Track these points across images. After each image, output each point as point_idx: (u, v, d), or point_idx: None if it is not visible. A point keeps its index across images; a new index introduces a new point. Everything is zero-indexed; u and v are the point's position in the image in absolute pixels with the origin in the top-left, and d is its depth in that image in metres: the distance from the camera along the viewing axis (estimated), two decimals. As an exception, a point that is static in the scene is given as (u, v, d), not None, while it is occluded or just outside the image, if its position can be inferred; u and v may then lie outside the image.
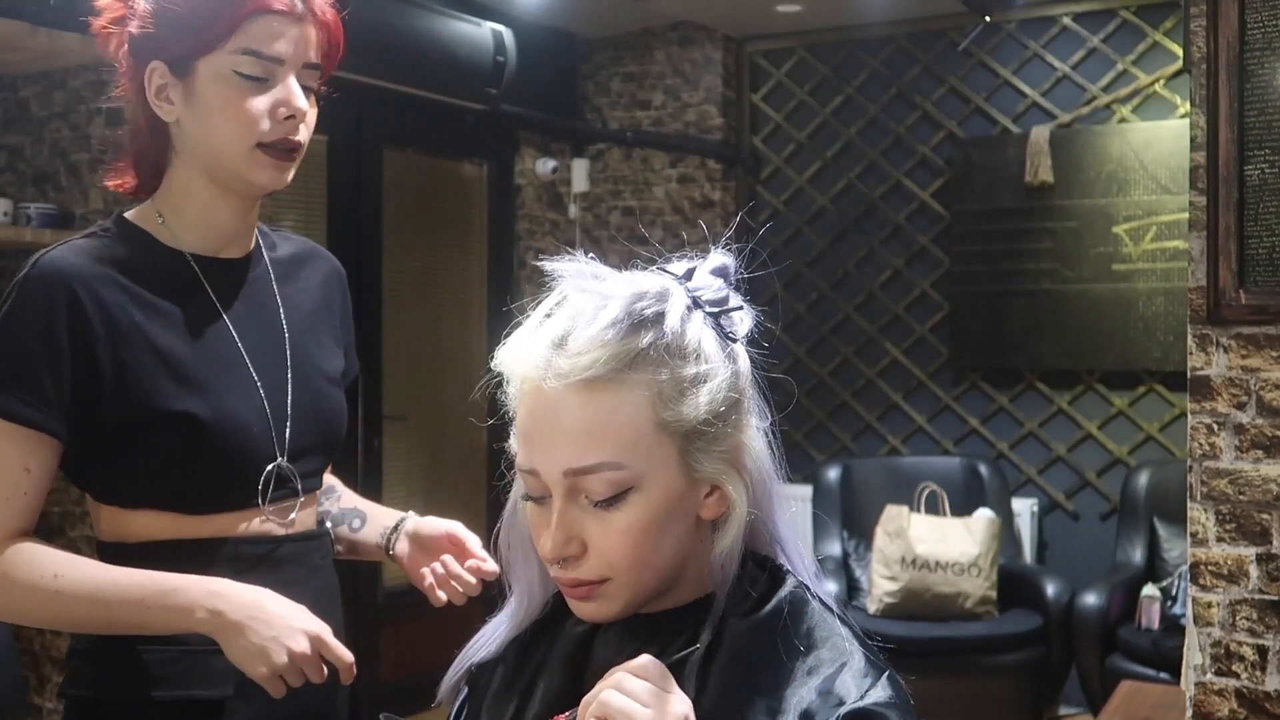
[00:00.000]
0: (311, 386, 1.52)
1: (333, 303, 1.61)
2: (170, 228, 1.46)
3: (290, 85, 1.41)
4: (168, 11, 1.39)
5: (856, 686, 0.94)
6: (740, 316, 1.00)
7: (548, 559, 0.97)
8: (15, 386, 1.35)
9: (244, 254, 1.51)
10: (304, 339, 1.53)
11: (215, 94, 1.40)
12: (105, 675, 1.43)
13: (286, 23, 1.40)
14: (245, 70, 1.39)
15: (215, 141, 1.41)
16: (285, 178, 1.45)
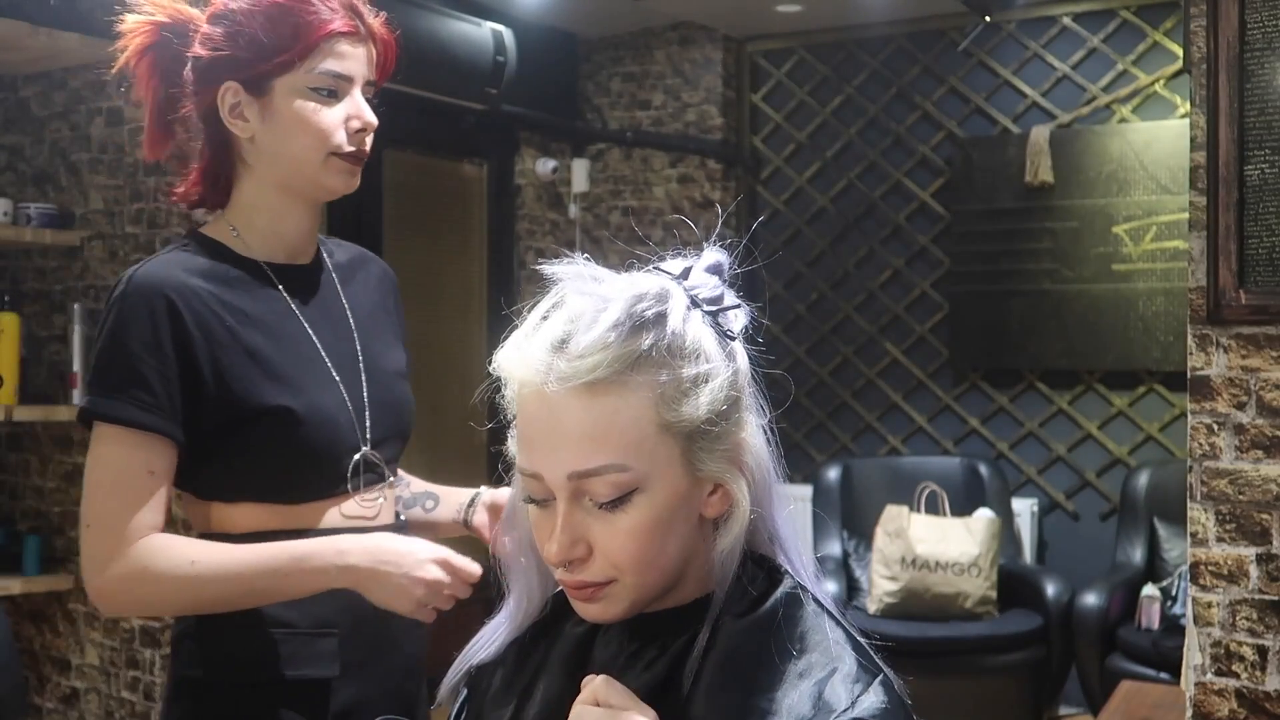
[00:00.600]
0: (382, 380, 1.62)
1: (389, 303, 1.73)
2: (243, 239, 1.57)
3: (358, 100, 1.54)
4: (242, 35, 1.50)
5: (847, 693, 0.94)
6: (736, 314, 1.01)
7: (553, 562, 0.97)
8: (131, 394, 1.45)
9: (310, 260, 1.63)
10: (369, 337, 1.64)
11: (293, 110, 1.51)
12: (215, 656, 1.52)
13: (354, 43, 1.53)
14: (319, 87, 1.51)
15: (293, 152, 1.53)
16: (355, 182, 1.58)
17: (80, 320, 3.55)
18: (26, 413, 3.49)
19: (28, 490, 3.79)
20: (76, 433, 3.64)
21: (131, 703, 3.54)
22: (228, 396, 1.48)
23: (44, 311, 3.73)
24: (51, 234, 3.59)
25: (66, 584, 3.64)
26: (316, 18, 1.50)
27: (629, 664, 0.99)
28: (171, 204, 1.68)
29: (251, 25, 1.50)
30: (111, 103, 3.59)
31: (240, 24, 1.50)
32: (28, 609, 3.75)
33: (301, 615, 1.51)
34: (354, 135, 1.54)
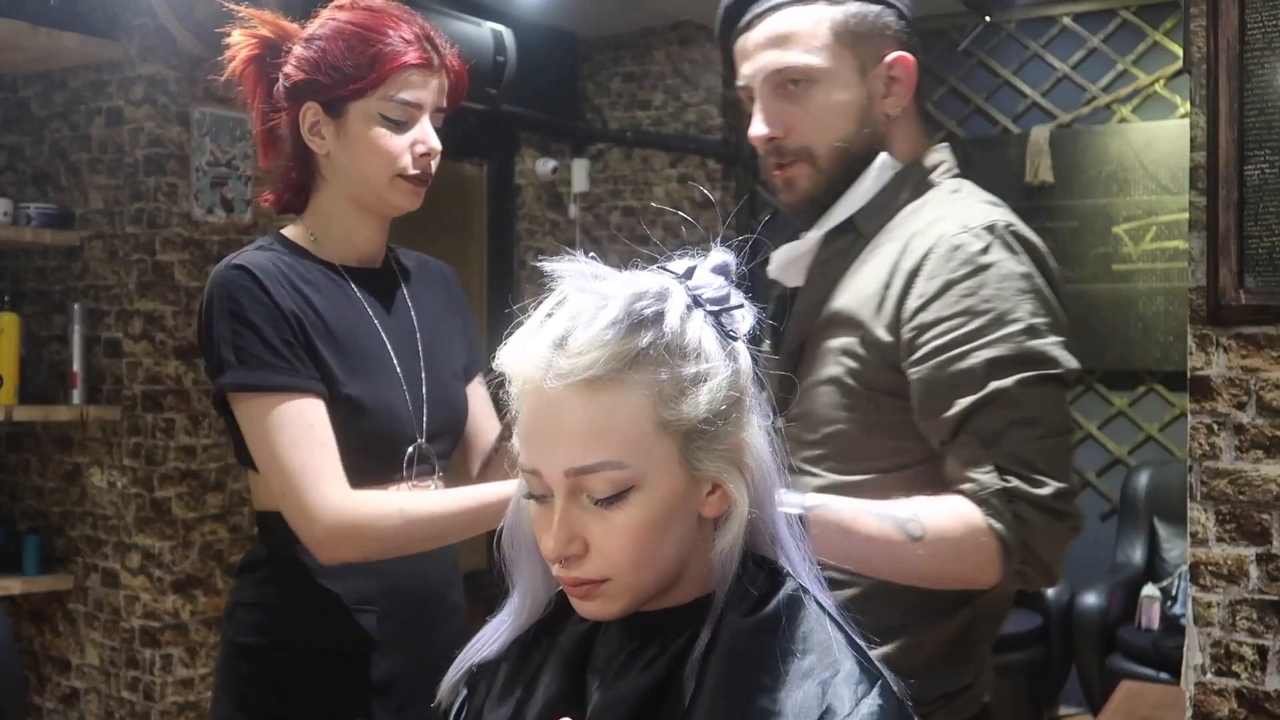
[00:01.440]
0: (440, 378, 1.72)
1: (455, 304, 1.84)
2: (320, 243, 1.69)
3: (425, 127, 1.65)
4: (325, 60, 1.62)
5: (850, 695, 0.94)
6: (742, 314, 1.00)
7: (550, 558, 0.97)
8: (264, 361, 1.56)
9: (381, 265, 1.75)
10: (432, 337, 1.74)
11: (364, 133, 1.62)
12: (264, 624, 1.64)
13: (425, 74, 1.64)
14: (390, 114, 1.62)
15: (364, 172, 1.64)
16: (419, 200, 1.69)
17: (80, 320, 3.55)
18: (26, 413, 3.49)
19: (28, 490, 3.79)
20: (76, 432, 3.64)
21: (131, 703, 3.54)
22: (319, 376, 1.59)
23: (44, 311, 3.73)
24: (51, 234, 3.59)
25: (66, 584, 3.64)
26: (392, 49, 1.61)
27: (629, 662, 0.99)
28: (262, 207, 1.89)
29: (334, 51, 1.61)
30: (111, 103, 3.59)
31: (324, 49, 1.62)
32: (28, 609, 3.75)
33: (345, 590, 1.61)
34: (419, 159, 1.64)
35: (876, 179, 1.49)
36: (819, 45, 1.46)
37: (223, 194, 3.66)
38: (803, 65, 1.46)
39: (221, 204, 3.66)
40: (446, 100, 1.68)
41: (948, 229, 1.40)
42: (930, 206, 1.47)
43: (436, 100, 1.66)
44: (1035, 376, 1.32)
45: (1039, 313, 1.35)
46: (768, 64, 1.47)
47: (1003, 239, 1.39)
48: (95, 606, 3.62)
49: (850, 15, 1.47)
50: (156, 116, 3.52)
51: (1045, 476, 1.31)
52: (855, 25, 1.47)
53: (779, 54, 1.47)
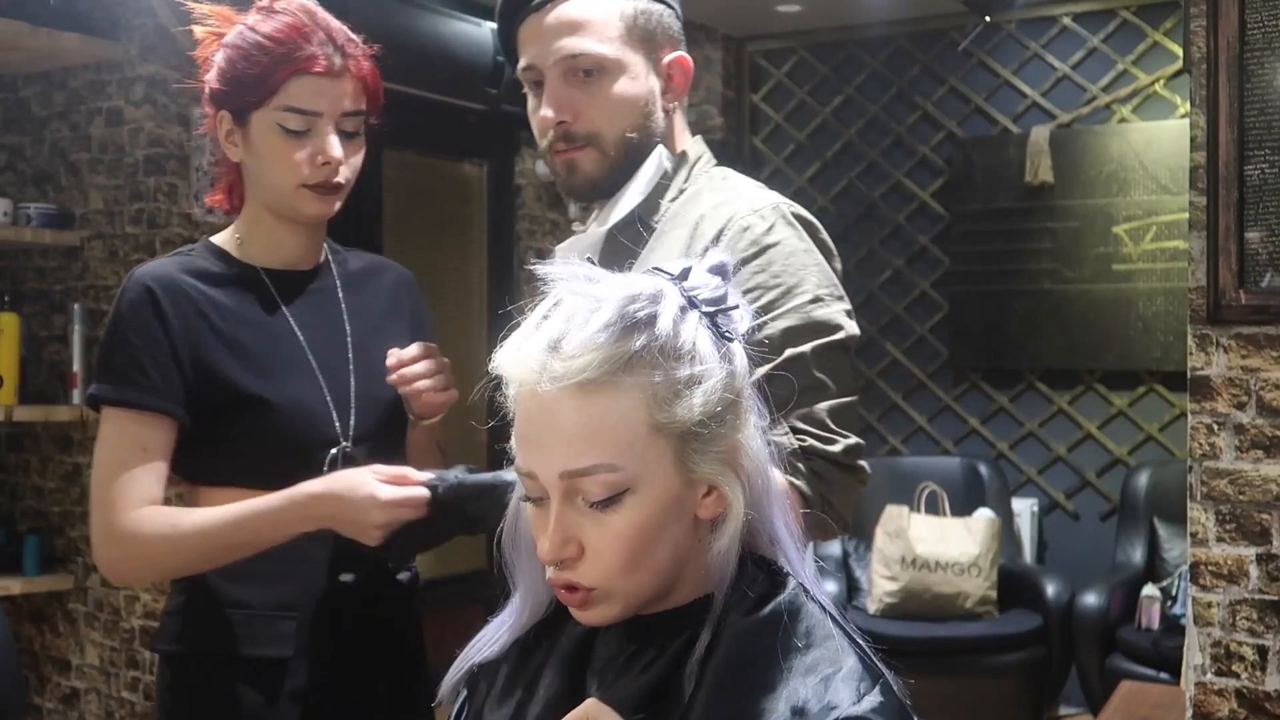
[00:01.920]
0: (374, 381, 1.70)
1: (401, 308, 1.81)
2: (246, 246, 1.71)
3: (326, 136, 1.63)
4: (231, 70, 1.63)
5: (851, 691, 0.94)
6: (738, 315, 1.00)
7: (545, 560, 0.97)
8: (126, 377, 1.60)
9: (312, 267, 1.74)
10: (369, 339, 1.73)
11: (265, 143, 1.63)
12: (190, 633, 1.65)
13: (324, 81, 1.62)
14: (287, 124, 1.62)
15: (269, 181, 1.65)
16: (331, 208, 1.68)
17: (80, 320, 3.55)
18: (26, 413, 3.49)
19: (28, 490, 3.79)
20: (76, 432, 3.64)
21: (131, 703, 3.54)
22: (209, 384, 1.61)
23: (44, 311, 3.73)
24: (51, 234, 3.59)
25: (66, 584, 3.64)
26: (286, 56, 1.60)
27: (628, 664, 0.99)
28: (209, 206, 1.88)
29: (235, 60, 1.63)
30: (111, 103, 3.59)
31: (229, 58, 1.63)
32: (28, 609, 3.75)
33: (263, 598, 1.62)
34: (319, 169, 1.63)
35: (657, 169, 1.56)
36: (612, 36, 1.52)
37: (223, 194, 3.66)
38: (597, 54, 1.50)
39: (221, 204, 3.66)
40: (364, 103, 1.67)
41: (735, 211, 1.47)
42: (706, 194, 1.54)
43: (339, 106, 1.63)
44: (824, 344, 1.40)
45: (823, 284, 1.42)
46: (562, 49, 1.51)
47: (784, 218, 1.47)
48: (95, 606, 3.62)
49: (639, 11, 1.53)
50: (156, 116, 3.52)
51: (836, 434, 1.38)
52: (643, 21, 1.54)
53: (575, 40, 1.51)
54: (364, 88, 1.67)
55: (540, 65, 1.53)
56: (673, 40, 1.57)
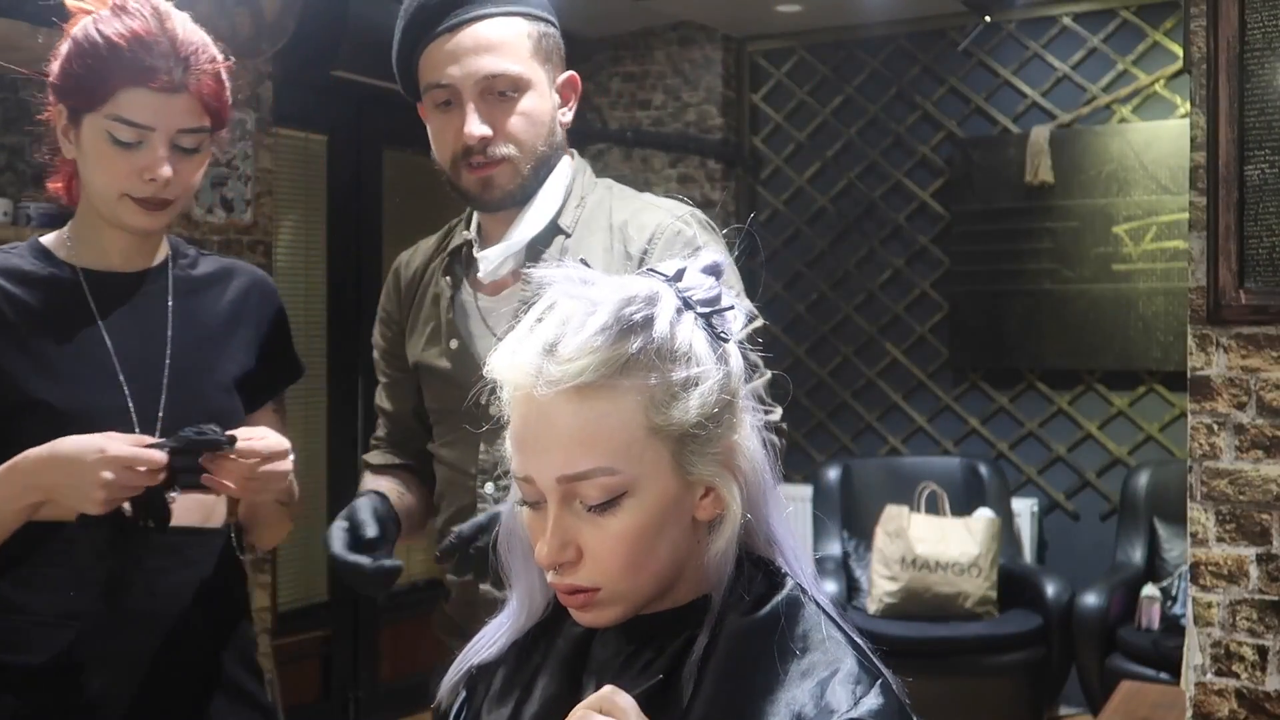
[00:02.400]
0: (192, 389, 1.63)
1: (246, 316, 1.73)
2: (73, 245, 1.64)
3: (156, 152, 1.55)
4: (69, 66, 1.56)
5: (848, 695, 0.93)
6: (733, 315, 1.00)
7: (544, 565, 0.97)
8: None
9: (141, 270, 1.66)
10: (192, 348, 1.65)
11: (93, 148, 1.56)
12: None
13: (160, 96, 1.54)
14: (117, 135, 1.54)
15: (93, 185, 1.58)
16: (158, 223, 1.61)
17: (80, 320, 3.55)
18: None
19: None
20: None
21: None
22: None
23: (44, 311, 3.73)
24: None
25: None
26: (122, 65, 1.52)
27: (626, 665, 0.99)
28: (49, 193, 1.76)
29: (74, 57, 1.56)
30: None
31: (69, 54, 1.56)
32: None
33: (46, 604, 1.53)
34: (145, 184, 1.55)
35: (571, 179, 1.68)
36: (524, 56, 1.60)
37: (223, 194, 3.66)
38: (515, 73, 1.58)
39: (221, 204, 3.66)
40: (205, 120, 1.58)
41: (661, 218, 1.61)
42: (615, 201, 1.67)
43: (176, 122, 1.55)
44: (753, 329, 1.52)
45: (739, 279, 1.56)
46: (482, 69, 1.57)
47: (702, 223, 1.62)
48: None
49: (541, 33, 1.62)
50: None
51: (771, 406, 1.52)
52: (545, 43, 1.63)
53: (493, 60, 1.58)
54: (204, 105, 1.58)
55: (459, 85, 1.58)
56: (564, 59, 1.67)
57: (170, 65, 1.54)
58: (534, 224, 1.65)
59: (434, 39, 1.58)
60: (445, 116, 1.62)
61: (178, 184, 1.58)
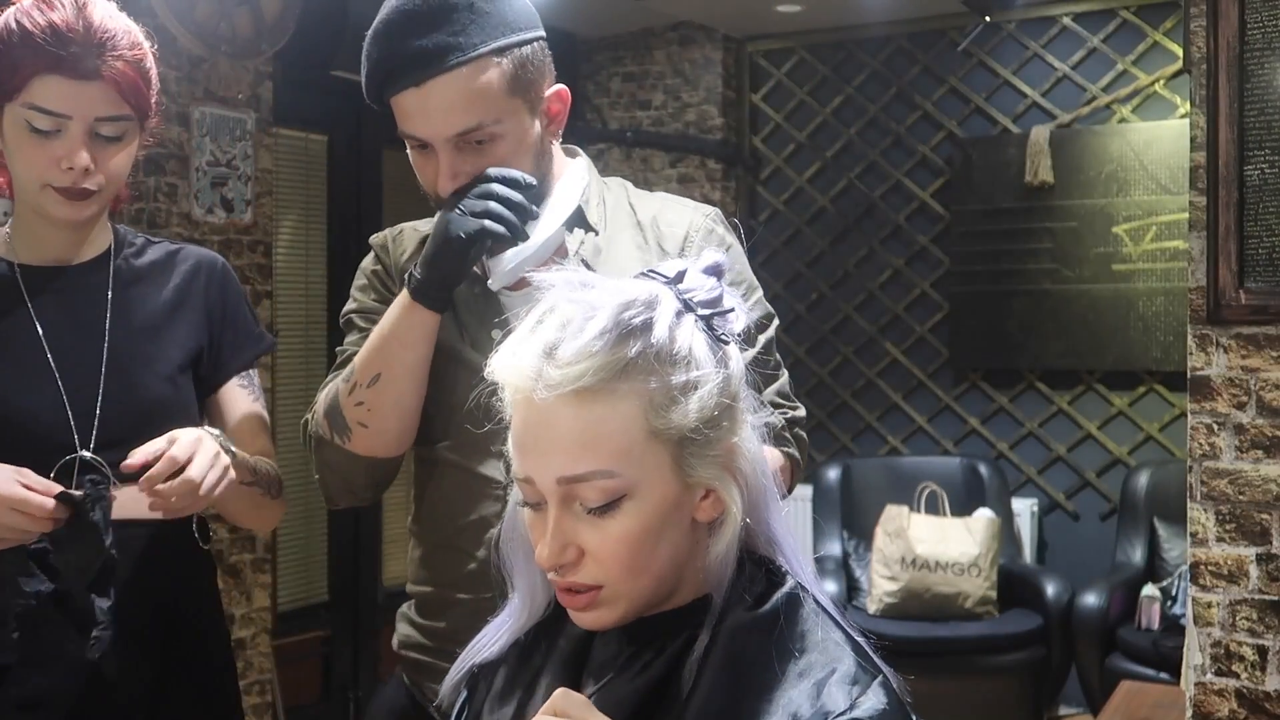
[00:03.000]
0: (133, 382, 1.61)
1: (193, 297, 1.71)
2: (10, 239, 1.64)
3: (74, 140, 1.54)
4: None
5: (845, 696, 0.93)
6: (734, 316, 1.00)
7: (544, 566, 0.97)
8: None
9: (80, 262, 1.65)
10: (134, 339, 1.63)
11: (12, 138, 1.56)
12: None
13: (73, 84, 1.52)
14: (34, 123, 1.53)
15: (17, 177, 1.59)
16: (83, 213, 1.59)
17: (80, 320, 3.55)
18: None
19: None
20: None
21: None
22: None
23: (44, 311, 3.72)
24: (51, 234, 3.58)
25: (66, 584, 3.64)
26: (33, 53, 1.51)
27: (627, 665, 0.99)
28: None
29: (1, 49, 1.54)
30: None
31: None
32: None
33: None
34: (65, 173, 1.54)
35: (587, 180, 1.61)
36: (498, 101, 1.48)
37: (223, 194, 3.66)
38: (488, 125, 1.48)
39: (221, 204, 3.66)
40: (124, 107, 1.57)
41: (692, 216, 1.59)
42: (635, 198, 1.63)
43: (93, 109, 1.54)
44: (774, 329, 1.60)
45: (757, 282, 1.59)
46: (450, 127, 1.48)
47: (724, 223, 1.62)
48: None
49: (516, 66, 1.50)
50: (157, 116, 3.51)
51: (797, 403, 1.59)
52: (520, 74, 1.51)
53: (461, 117, 1.47)
54: (120, 92, 1.56)
55: (430, 139, 1.50)
56: (549, 71, 1.56)
57: (84, 53, 1.53)
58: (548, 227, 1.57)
59: (400, 90, 1.49)
60: (423, 157, 1.54)
61: (101, 173, 1.57)
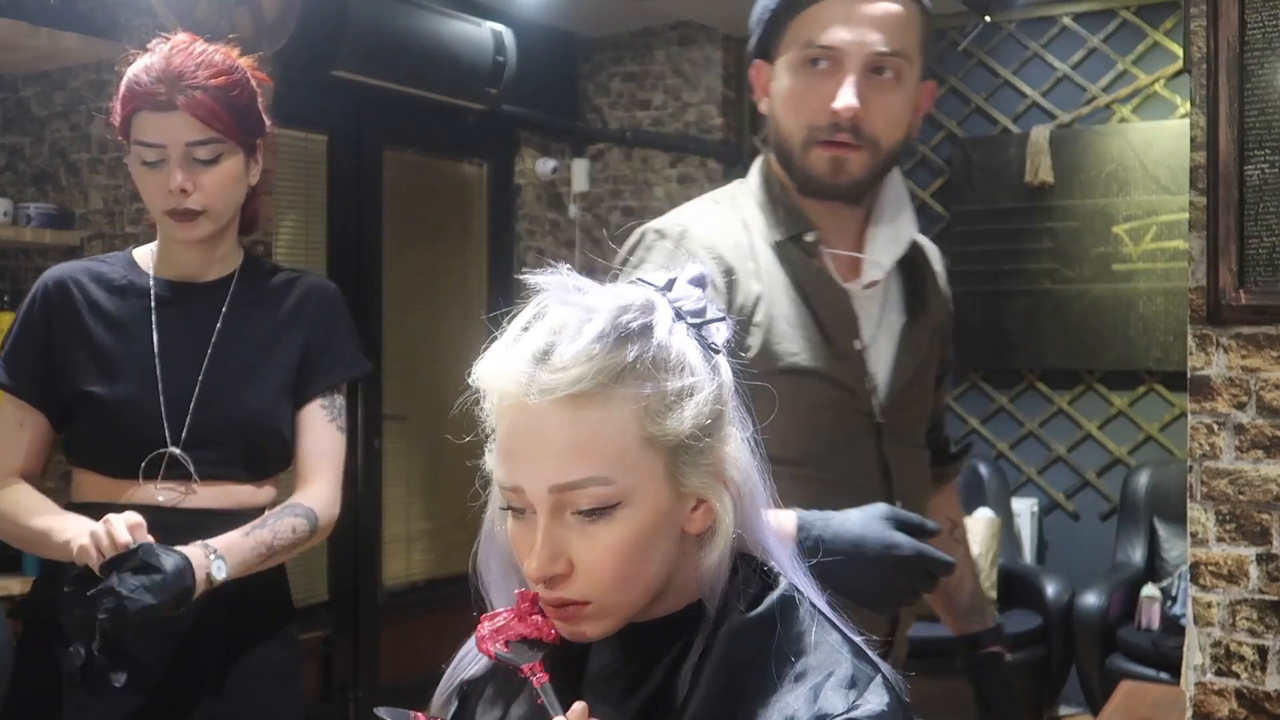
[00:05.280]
0: (226, 388, 1.80)
1: (300, 320, 1.87)
2: (157, 257, 1.85)
3: (170, 167, 1.73)
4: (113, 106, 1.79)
5: (842, 699, 0.92)
6: (719, 327, 0.99)
7: (534, 578, 0.95)
8: (8, 362, 1.81)
9: (208, 281, 1.85)
10: (241, 354, 1.82)
11: (135, 175, 1.78)
12: None
13: (158, 116, 1.72)
14: (143, 157, 1.75)
15: (148, 207, 1.79)
16: (194, 233, 1.78)
17: (80, 320, 3.55)
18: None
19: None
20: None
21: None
22: (62, 377, 1.78)
23: (44, 311, 3.72)
24: (51, 234, 3.59)
25: (66, 584, 3.64)
26: (131, 96, 1.73)
27: (621, 673, 0.98)
28: None
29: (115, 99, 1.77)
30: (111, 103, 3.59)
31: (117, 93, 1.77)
32: (28, 609, 3.75)
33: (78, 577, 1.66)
34: (170, 196, 1.74)
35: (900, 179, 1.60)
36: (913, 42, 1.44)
37: (223, 194, 3.66)
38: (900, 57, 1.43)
39: (221, 204, 3.66)
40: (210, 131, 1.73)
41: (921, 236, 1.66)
42: None
43: (182, 135, 1.72)
44: None
45: None
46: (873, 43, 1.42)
47: None
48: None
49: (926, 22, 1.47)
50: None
51: None
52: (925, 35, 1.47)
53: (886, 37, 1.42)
54: (201, 117, 1.73)
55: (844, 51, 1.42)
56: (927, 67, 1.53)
57: (165, 88, 1.71)
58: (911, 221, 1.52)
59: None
60: (813, 79, 1.45)
61: (202, 195, 1.75)
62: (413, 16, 4.23)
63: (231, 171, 1.78)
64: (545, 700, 0.93)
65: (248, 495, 1.82)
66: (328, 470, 1.86)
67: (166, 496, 1.77)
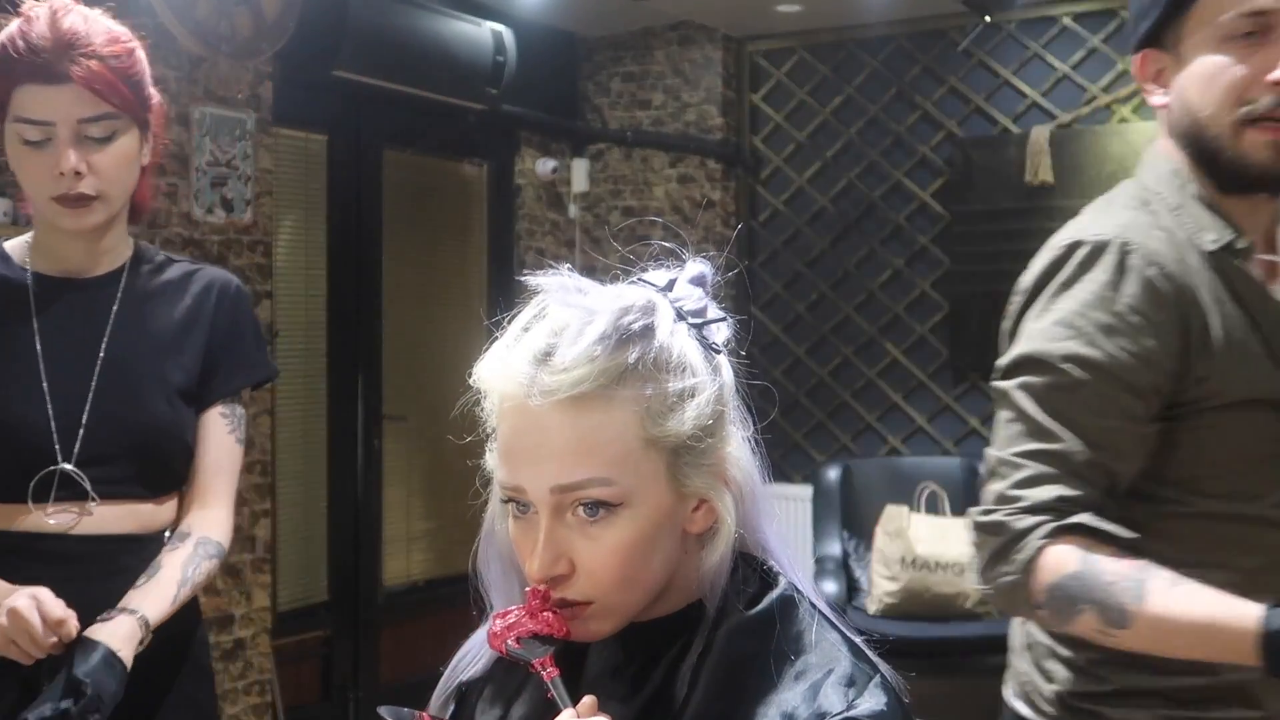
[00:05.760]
0: (125, 397, 1.60)
1: (201, 318, 1.69)
2: (33, 250, 1.65)
3: (60, 147, 1.53)
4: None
5: (841, 697, 0.92)
6: (719, 327, 0.99)
7: (536, 579, 0.95)
8: None
9: (94, 275, 1.65)
10: (137, 355, 1.63)
11: (13, 155, 1.57)
12: None
13: (48, 90, 1.52)
14: (24, 135, 1.54)
15: (26, 192, 1.59)
16: (86, 221, 1.58)
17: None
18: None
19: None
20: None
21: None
22: None
23: (44, 311, 3.72)
24: None
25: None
26: (10, 69, 1.52)
27: (622, 672, 0.98)
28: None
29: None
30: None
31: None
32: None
33: None
34: (59, 180, 1.54)
35: None
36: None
37: (223, 194, 3.66)
38: None
39: (221, 204, 3.66)
40: (105, 106, 1.54)
41: None
42: None
43: (74, 112, 1.52)
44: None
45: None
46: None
47: None
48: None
49: None
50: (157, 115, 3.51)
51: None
52: None
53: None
54: (96, 90, 1.53)
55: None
56: None
57: (54, 58, 1.51)
58: None
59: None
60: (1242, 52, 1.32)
61: (95, 176, 1.55)
62: (413, 16, 4.23)
63: (127, 151, 1.59)
64: (556, 694, 0.93)
65: (149, 515, 1.64)
66: (225, 491, 1.69)
67: (59, 520, 1.57)
